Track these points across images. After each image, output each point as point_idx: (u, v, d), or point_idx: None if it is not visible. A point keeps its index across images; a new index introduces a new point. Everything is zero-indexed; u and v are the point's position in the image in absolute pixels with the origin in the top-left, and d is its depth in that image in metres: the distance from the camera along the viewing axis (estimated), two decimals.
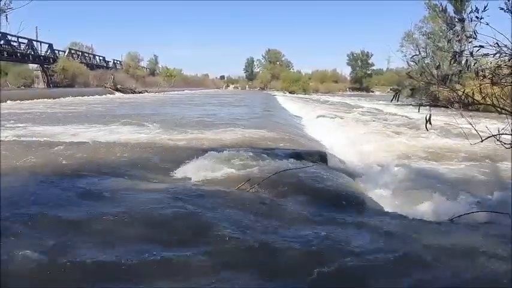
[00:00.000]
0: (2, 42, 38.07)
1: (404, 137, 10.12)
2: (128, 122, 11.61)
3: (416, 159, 7.26)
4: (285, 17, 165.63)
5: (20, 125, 10.83)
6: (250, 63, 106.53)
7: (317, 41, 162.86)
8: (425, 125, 3.37)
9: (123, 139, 8.06)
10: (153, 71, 79.89)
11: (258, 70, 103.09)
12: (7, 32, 36.75)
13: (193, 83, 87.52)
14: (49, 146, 6.67)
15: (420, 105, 4.34)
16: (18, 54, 41.80)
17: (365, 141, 9.43)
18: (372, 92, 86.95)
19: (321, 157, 6.55)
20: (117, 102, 25.80)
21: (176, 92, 53.39)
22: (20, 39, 40.99)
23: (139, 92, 46.40)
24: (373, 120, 15.20)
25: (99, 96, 34.97)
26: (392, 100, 4.05)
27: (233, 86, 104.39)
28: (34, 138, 7.81)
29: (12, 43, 39.69)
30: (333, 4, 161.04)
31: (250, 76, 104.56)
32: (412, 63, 5.74)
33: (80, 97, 31.14)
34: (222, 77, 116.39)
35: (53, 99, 27.01)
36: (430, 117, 3.38)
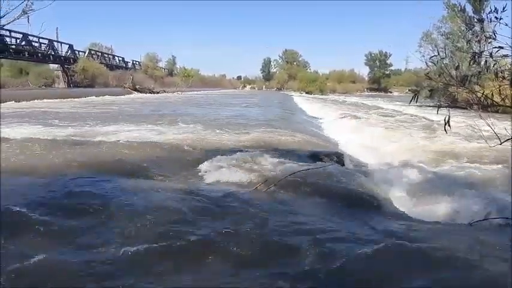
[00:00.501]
0: (23, 42, 39.10)
1: (422, 138, 9.99)
2: (167, 121, 11.76)
3: (435, 160, 7.17)
4: (303, 17, 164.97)
5: (61, 123, 11.13)
6: (267, 63, 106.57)
7: (335, 41, 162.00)
8: (445, 127, 3.34)
9: (171, 138, 8.23)
10: (171, 71, 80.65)
11: (275, 70, 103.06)
12: (28, 32, 37.68)
13: (211, 83, 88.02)
14: (97, 145, 6.95)
15: (439, 106, 4.30)
16: (39, 55, 42.77)
17: (382, 142, 9.36)
18: (390, 92, 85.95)
19: (338, 158, 6.54)
20: (140, 103, 26.01)
21: (194, 92, 53.79)
22: (41, 40, 41.95)
23: (157, 92, 46.93)
24: (391, 121, 15.04)
25: (122, 97, 35.67)
26: (411, 102, 4.03)
27: (250, 86, 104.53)
28: (97, 139, 8.05)
29: (33, 43, 40.69)
30: (351, 4, 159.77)
31: (267, 76, 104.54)
32: (430, 63, 5.69)
33: (103, 97, 32.03)
34: (239, 78, 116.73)
35: (78, 98, 27.92)
36: (449, 119, 3.36)
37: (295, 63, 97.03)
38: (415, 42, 34.25)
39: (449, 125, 3.37)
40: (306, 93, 69.19)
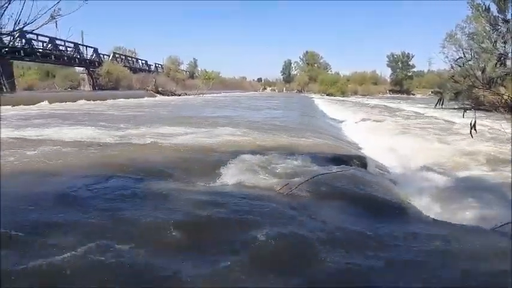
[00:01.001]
0: (50, 46, 40.35)
1: (446, 141, 9.83)
2: (209, 123, 11.92)
3: (459, 164, 7.06)
4: (324, 18, 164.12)
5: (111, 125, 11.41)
6: (287, 65, 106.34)
7: (356, 42, 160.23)
8: (470, 131, 3.30)
9: (224, 140, 8.40)
10: (192, 73, 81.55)
11: (295, 72, 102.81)
12: (56, 36, 38.87)
13: (231, 85, 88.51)
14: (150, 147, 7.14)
15: (465, 109, 4.23)
16: (65, 58, 44.10)
17: (406, 145, 9.25)
18: (413, 94, 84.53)
19: (361, 161, 6.51)
20: (165, 105, 26.32)
21: (215, 95, 54.21)
22: (67, 43, 43.15)
23: (179, 95, 47.56)
24: (414, 124, 14.82)
25: (148, 99, 36.62)
26: (436, 105, 3.96)
27: (270, 88, 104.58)
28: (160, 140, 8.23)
29: (59, 47, 41.92)
30: (372, 4, 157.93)
31: (288, 78, 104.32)
32: (455, 65, 5.60)
33: (128, 99, 33.01)
34: (259, 80, 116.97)
35: (107, 100, 29.21)
36: (475, 122, 3.31)
37: (316, 65, 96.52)
38: (438, 43, 33.59)
39: (475, 129, 3.32)
40: (327, 95, 68.80)
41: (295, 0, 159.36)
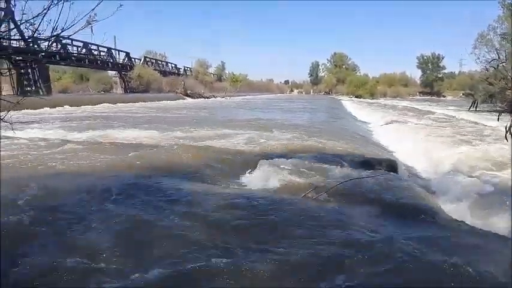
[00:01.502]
0: (84, 50, 41.88)
1: (479, 145, 9.52)
2: (261, 127, 12.00)
3: (492, 169, 6.83)
4: (352, 19, 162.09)
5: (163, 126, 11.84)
6: (315, 67, 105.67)
7: (385, 43, 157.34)
8: (505, 135, 3.24)
9: (228, 143, 8.51)
10: (220, 76, 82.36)
11: (323, 74, 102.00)
12: (92, 41, 40.29)
13: (258, 88, 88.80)
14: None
15: (500, 112, 4.12)
16: (99, 62, 45.72)
17: (437, 149, 9.03)
18: (444, 96, 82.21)
19: (391, 165, 6.38)
20: (207, 107, 26.72)
21: (242, 97, 54.51)
22: (100, 48, 44.73)
23: (207, 97, 48.15)
24: (446, 127, 14.43)
25: (180, 101, 37.72)
26: (470, 108, 3.87)
27: (297, 90, 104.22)
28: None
29: (93, 51, 43.44)
30: (402, 4, 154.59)
31: (315, 80, 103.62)
32: (488, 66, 5.46)
33: (166, 101, 34.89)
34: (287, 82, 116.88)
35: (145, 102, 31.16)
36: (510, 126, 3.24)
37: (344, 66, 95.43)
38: (469, 44, 32.52)
39: (510, 133, 3.25)
40: (356, 97, 67.84)
41: (324, 0, 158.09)
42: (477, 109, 16.42)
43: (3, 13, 25.39)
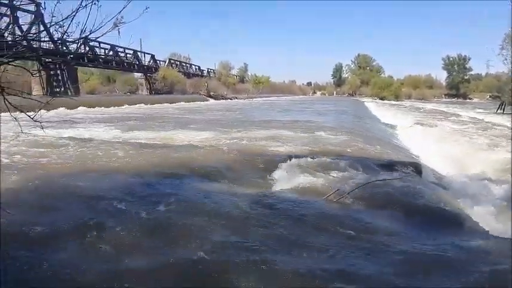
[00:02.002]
0: (111, 53, 42.94)
1: (507, 149, 9.20)
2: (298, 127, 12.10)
3: None
4: (376, 19, 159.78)
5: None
6: (338, 68, 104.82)
7: (410, 44, 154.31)
8: None
9: (249, 143, 8.55)
10: (243, 78, 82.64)
11: (346, 76, 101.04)
12: (118, 44, 41.28)
13: (280, 89, 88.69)
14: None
15: None
16: (125, 64, 46.75)
17: (463, 153, 8.79)
18: (470, 98, 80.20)
19: (415, 169, 6.26)
20: (237, 109, 26.92)
21: (265, 99, 54.56)
22: (126, 50, 45.72)
23: (230, 99, 48.45)
24: (473, 131, 14.02)
25: (203, 102, 38.29)
26: (497, 110, 3.74)
27: (320, 92, 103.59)
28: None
29: (119, 54, 44.48)
30: (428, 5, 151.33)
31: (338, 82, 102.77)
32: None
33: (192, 103, 35.81)
34: (309, 84, 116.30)
35: (173, 103, 32.37)
36: None
37: (368, 68, 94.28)
38: (496, 44, 31.37)
39: None
40: (380, 99, 66.87)
41: (347, 0, 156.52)
42: (504, 112, 15.87)
43: (33, 16, 26.45)
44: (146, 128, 11.97)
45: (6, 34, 4.23)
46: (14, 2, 27.17)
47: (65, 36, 2.41)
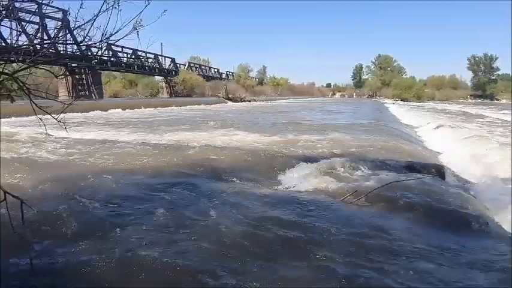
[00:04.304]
0: (133, 57, 43.85)
1: None
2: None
3: None
4: (397, 19, 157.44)
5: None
6: (358, 69, 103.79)
7: (433, 44, 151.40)
8: None
9: (263, 143, 8.64)
10: (261, 80, 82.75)
11: (366, 77, 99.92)
12: (138, 47, 42.15)
13: (300, 91, 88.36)
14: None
15: None
16: (146, 68, 47.67)
17: (490, 155, 8.54)
18: (497, 100, 77.71)
19: (437, 170, 6.12)
20: (263, 111, 26.71)
21: (284, 101, 54.41)
22: (148, 54, 46.67)
23: (248, 101, 48.53)
24: (499, 132, 13.60)
25: (224, 104, 39.07)
26: None
27: (339, 94, 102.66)
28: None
29: (141, 58, 45.39)
30: (451, 4, 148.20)
31: (358, 83, 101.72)
32: None
33: (214, 105, 36.45)
34: (329, 85, 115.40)
35: (194, 105, 33.12)
36: None
37: (389, 68, 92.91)
38: None
39: None
40: (401, 100, 65.80)
41: (367, 0, 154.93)
42: None
43: (60, 23, 27.27)
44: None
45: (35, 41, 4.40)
46: (43, 11, 28.21)
47: (86, 39, 2.49)
